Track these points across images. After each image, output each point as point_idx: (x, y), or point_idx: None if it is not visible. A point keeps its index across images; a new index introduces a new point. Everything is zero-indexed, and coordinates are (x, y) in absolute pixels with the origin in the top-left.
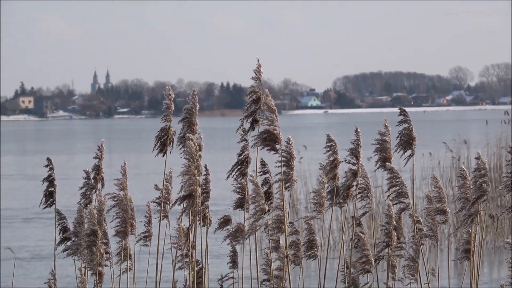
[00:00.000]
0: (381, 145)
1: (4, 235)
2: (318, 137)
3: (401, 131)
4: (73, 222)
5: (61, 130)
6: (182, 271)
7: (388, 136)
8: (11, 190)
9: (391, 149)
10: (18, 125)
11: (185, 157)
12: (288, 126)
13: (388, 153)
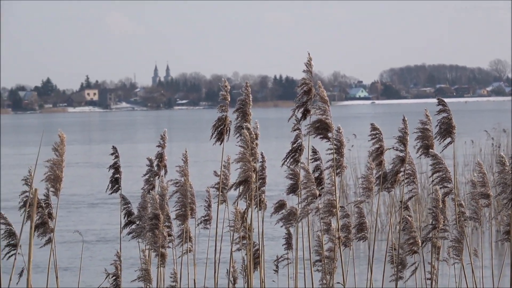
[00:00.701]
0: (422, 133)
1: (72, 219)
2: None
3: (441, 120)
4: (137, 207)
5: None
6: (239, 253)
7: (429, 124)
8: (77, 178)
9: (433, 137)
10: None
11: (240, 145)
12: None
13: (430, 140)
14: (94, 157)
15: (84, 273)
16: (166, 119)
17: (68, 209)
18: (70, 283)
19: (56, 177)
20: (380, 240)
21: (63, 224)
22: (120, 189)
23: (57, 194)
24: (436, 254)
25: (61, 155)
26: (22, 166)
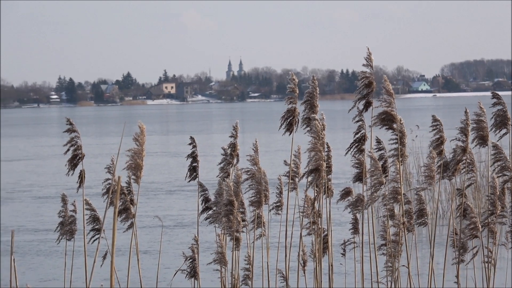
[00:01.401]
0: (478, 124)
1: (151, 205)
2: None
3: (496, 112)
4: (214, 194)
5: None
6: (309, 237)
7: (483, 116)
8: (156, 166)
9: (487, 128)
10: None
11: (311, 135)
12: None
13: (485, 131)
14: (171, 147)
15: (163, 256)
16: (239, 111)
17: (148, 196)
18: (150, 266)
19: (137, 166)
20: (441, 226)
21: (143, 210)
22: (197, 177)
23: (138, 182)
24: (493, 239)
25: (142, 145)
26: (104, 155)
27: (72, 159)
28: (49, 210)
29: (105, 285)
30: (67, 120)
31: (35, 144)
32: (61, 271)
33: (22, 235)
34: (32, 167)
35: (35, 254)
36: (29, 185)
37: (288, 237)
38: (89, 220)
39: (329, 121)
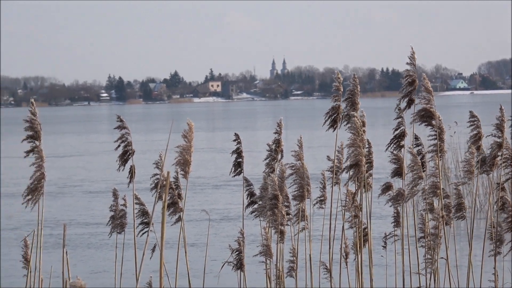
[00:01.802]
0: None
1: (198, 199)
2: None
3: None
4: (259, 188)
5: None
6: (351, 230)
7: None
8: (202, 162)
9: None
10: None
11: (351, 132)
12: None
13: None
14: (217, 143)
15: (210, 249)
16: (282, 108)
17: (195, 191)
18: (197, 258)
19: (186, 161)
20: (479, 219)
21: (191, 204)
22: (242, 172)
23: (186, 177)
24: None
25: (190, 141)
26: (152, 151)
27: (123, 155)
28: (99, 205)
29: (154, 276)
30: (118, 117)
31: (86, 140)
32: (111, 263)
33: (73, 229)
34: (83, 163)
35: (86, 247)
36: (80, 180)
37: (331, 230)
38: (138, 214)
39: (369, 118)
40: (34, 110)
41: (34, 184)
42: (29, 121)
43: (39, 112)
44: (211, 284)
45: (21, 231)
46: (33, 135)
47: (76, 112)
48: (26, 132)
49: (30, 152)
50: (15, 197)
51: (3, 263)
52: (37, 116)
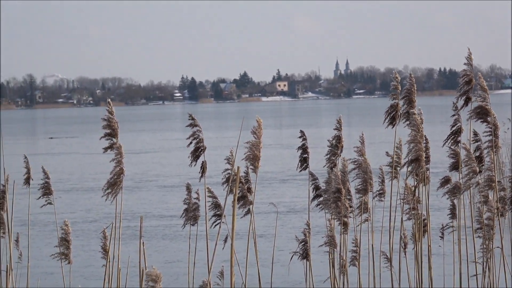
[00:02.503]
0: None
1: (266, 193)
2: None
3: None
4: (323, 182)
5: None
6: (409, 222)
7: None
8: (270, 157)
9: None
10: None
11: (411, 128)
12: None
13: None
14: (284, 140)
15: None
16: (345, 106)
17: (263, 185)
18: (265, 248)
19: (255, 157)
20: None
21: (259, 197)
22: (308, 167)
23: (255, 171)
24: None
25: (259, 137)
26: (223, 147)
27: (195, 151)
28: (173, 198)
29: (225, 266)
30: (190, 116)
31: (160, 138)
32: (184, 254)
33: (149, 221)
34: (158, 158)
35: (161, 238)
36: (155, 175)
37: (391, 222)
38: (210, 206)
39: (427, 115)
40: (111, 109)
41: (114, 178)
42: (107, 120)
43: (116, 111)
44: (279, 272)
45: (100, 224)
46: (110, 133)
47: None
48: (104, 130)
49: (108, 148)
50: (94, 191)
51: (84, 254)
52: (114, 115)
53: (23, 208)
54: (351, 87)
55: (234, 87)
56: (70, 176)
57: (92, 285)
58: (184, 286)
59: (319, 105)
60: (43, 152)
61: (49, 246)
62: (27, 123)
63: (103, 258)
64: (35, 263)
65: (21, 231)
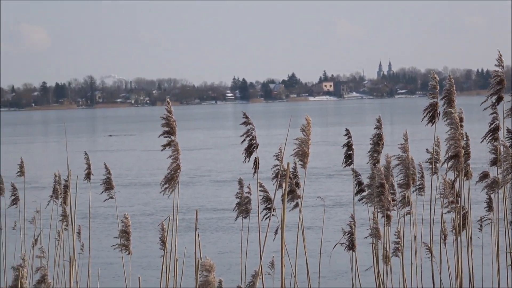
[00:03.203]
0: None
1: (314, 187)
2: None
3: None
4: (367, 177)
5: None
6: (449, 214)
7: None
8: (317, 153)
9: None
10: (321, 104)
11: (450, 126)
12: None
13: None
14: (330, 137)
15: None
16: (388, 106)
17: (310, 179)
18: (313, 239)
19: (304, 153)
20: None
21: (307, 191)
22: (352, 163)
23: (304, 167)
24: None
25: (308, 135)
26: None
27: (248, 148)
28: (225, 192)
29: (276, 256)
30: (244, 114)
31: (213, 135)
32: (237, 245)
33: (203, 214)
34: (211, 155)
35: (215, 230)
36: (208, 171)
37: (431, 215)
38: (262, 200)
39: (466, 113)
40: (170, 108)
41: (171, 174)
42: (165, 118)
43: (174, 110)
44: (325, 262)
45: (157, 217)
46: (169, 131)
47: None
48: (163, 128)
49: (166, 145)
50: (151, 186)
51: (142, 245)
52: (172, 114)
53: (84, 202)
54: (394, 87)
55: (282, 88)
56: (129, 171)
57: (150, 275)
58: (237, 275)
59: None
60: (103, 149)
61: (109, 238)
62: (88, 121)
63: (160, 249)
64: (96, 254)
65: (83, 223)
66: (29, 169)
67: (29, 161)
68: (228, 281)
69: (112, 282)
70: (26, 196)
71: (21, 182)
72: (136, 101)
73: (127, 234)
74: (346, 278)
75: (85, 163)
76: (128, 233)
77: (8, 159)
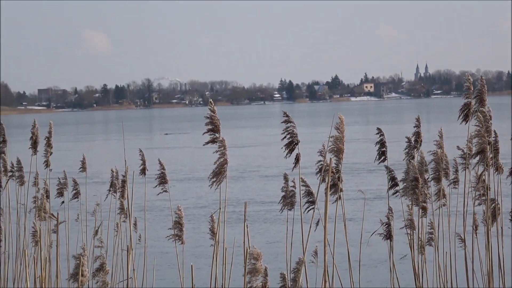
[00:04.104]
0: None
1: (355, 181)
2: None
3: None
4: (402, 172)
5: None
6: (481, 207)
7: None
8: (358, 150)
9: None
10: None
11: (476, 125)
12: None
13: None
14: (370, 134)
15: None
16: (425, 105)
17: (352, 174)
18: (354, 230)
19: (339, 149)
20: None
21: (348, 185)
22: (386, 159)
23: (340, 162)
24: None
25: (342, 132)
26: (316, 141)
27: (289, 144)
28: (272, 186)
29: (319, 245)
30: (284, 113)
31: (262, 133)
32: (282, 235)
33: (252, 207)
34: (259, 152)
35: (262, 222)
36: (257, 167)
37: (464, 207)
38: (304, 194)
39: (497, 111)
40: (213, 108)
41: (218, 168)
42: (209, 118)
43: (222, 110)
44: (365, 251)
45: (208, 209)
46: (213, 129)
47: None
48: (207, 127)
49: (209, 142)
50: (203, 181)
51: (194, 235)
52: (216, 113)
53: (141, 196)
54: (430, 88)
55: (326, 89)
56: (183, 167)
57: (202, 263)
58: (283, 263)
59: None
60: (159, 147)
61: (164, 229)
62: (145, 121)
63: (211, 239)
64: (151, 244)
65: (139, 216)
66: (91, 165)
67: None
68: (275, 269)
69: (166, 270)
70: (87, 191)
71: (83, 178)
72: (190, 101)
73: (180, 225)
74: (385, 266)
75: (140, 160)
76: (181, 224)
77: (71, 156)
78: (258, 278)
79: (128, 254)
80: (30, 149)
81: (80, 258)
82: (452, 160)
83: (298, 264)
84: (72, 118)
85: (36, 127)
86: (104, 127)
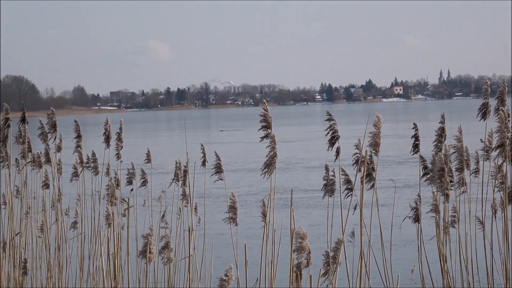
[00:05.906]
0: None
1: (387, 172)
2: None
3: None
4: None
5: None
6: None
7: None
8: (390, 145)
9: None
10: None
11: (497, 121)
12: None
13: None
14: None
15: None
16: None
17: (384, 166)
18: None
19: (376, 143)
20: None
21: (381, 175)
22: (419, 151)
23: (377, 155)
24: None
25: (379, 128)
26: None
27: (331, 139)
28: (315, 176)
29: (356, 228)
30: (327, 112)
31: (305, 130)
32: (324, 219)
33: (296, 194)
34: (303, 146)
35: (306, 207)
36: (301, 159)
37: (483, 194)
38: (343, 182)
39: None
40: (266, 108)
41: (269, 160)
42: (263, 116)
43: (270, 110)
44: (396, 233)
45: (259, 196)
46: (266, 125)
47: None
48: (261, 124)
49: (264, 137)
50: (254, 172)
51: (247, 219)
52: (268, 112)
53: (201, 184)
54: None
55: (361, 91)
56: (237, 159)
57: (254, 243)
58: (324, 244)
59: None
60: (215, 142)
61: (220, 213)
62: (203, 120)
63: (262, 221)
64: (209, 226)
65: (199, 201)
66: (155, 157)
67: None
68: (317, 248)
69: (223, 249)
70: (153, 180)
71: (148, 168)
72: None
73: (235, 209)
74: (413, 246)
75: (201, 153)
76: (235, 208)
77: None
78: (304, 255)
79: (189, 234)
80: (103, 143)
81: (148, 237)
82: (474, 153)
83: (337, 244)
84: (139, 117)
85: (108, 124)
86: (168, 125)
